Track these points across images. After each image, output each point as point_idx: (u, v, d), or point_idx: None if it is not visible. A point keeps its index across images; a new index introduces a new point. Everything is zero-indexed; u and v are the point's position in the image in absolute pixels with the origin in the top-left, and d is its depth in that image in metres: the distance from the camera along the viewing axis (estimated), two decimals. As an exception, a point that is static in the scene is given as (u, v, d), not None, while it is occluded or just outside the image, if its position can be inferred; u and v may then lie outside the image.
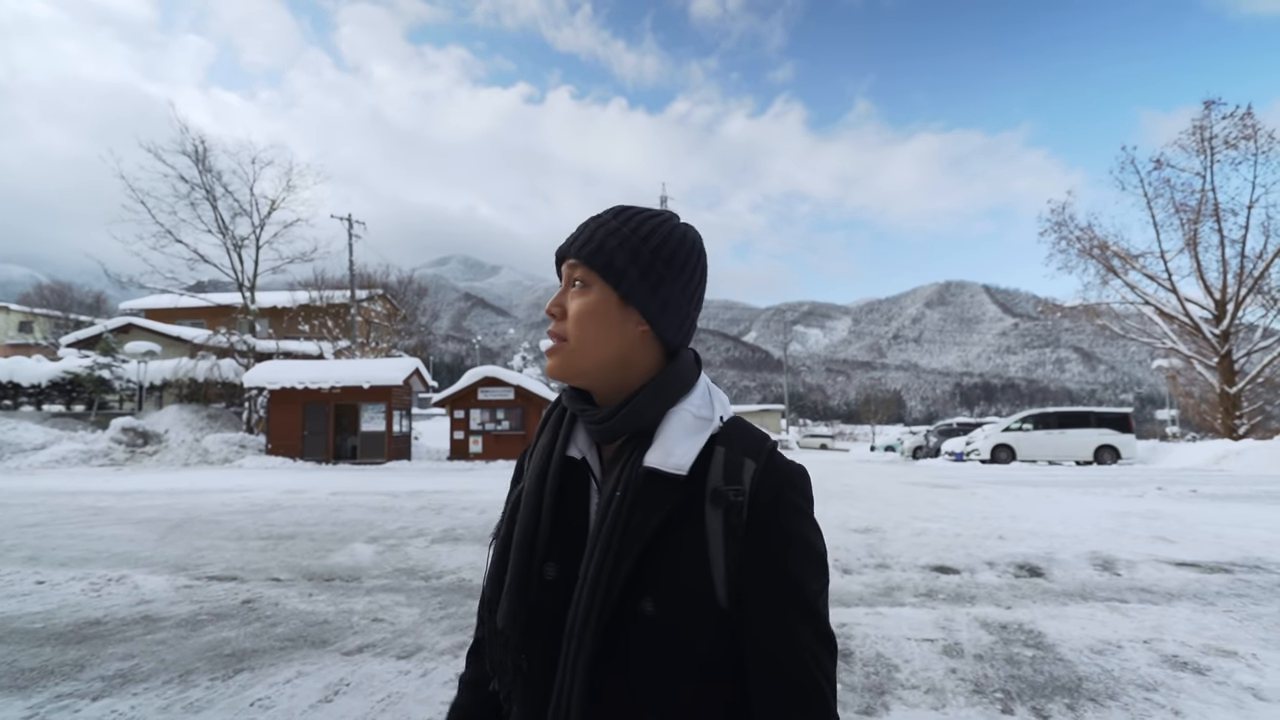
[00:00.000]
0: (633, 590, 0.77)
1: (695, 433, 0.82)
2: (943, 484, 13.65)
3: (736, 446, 0.82)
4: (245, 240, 27.16)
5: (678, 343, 0.88)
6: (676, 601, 0.77)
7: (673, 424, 0.82)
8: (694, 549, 0.78)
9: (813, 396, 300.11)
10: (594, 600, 0.76)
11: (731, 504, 0.78)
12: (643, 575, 0.77)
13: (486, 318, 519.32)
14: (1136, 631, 3.94)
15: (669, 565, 0.77)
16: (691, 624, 0.76)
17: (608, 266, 0.84)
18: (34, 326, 45.82)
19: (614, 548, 0.77)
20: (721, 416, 0.85)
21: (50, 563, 5.99)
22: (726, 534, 0.78)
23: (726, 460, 0.81)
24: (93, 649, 3.76)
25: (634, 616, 0.76)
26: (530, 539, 0.84)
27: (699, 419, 0.83)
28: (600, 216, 0.88)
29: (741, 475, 0.79)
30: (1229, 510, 8.84)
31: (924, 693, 3.09)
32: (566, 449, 0.88)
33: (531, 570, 0.83)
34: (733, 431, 0.84)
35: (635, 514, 0.78)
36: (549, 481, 0.86)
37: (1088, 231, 25.55)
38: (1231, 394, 23.03)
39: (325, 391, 21.57)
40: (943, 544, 6.69)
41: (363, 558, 6.25)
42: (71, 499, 10.83)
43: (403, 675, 3.36)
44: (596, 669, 0.76)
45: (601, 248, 0.84)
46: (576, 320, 0.84)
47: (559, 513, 0.85)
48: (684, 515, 0.79)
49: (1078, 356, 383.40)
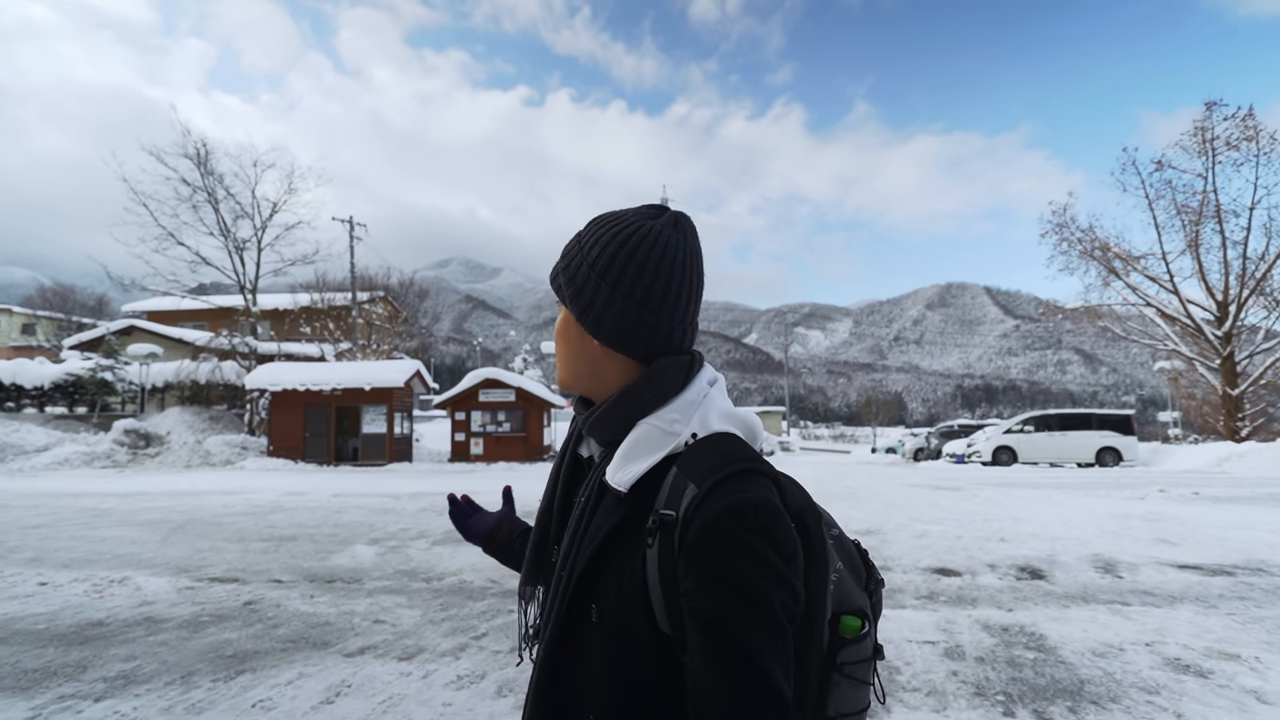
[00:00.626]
0: (584, 593, 0.79)
1: (652, 449, 0.79)
2: (944, 486, 13.63)
3: (687, 469, 0.76)
4: (247, 243, 27.21)
5: (640, 352, 0.84)
6: (616, 615, 0.76)
7: (632, 438, 0.80)
8: (634, 568, 0.76)
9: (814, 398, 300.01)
10: (556, 595, 0.82)
11: (662, 528, 0.74)
12: (593, 580, 0.79)
13: (487, 319, 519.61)
14: (1139, 634, 3.94)
15: (613, 578, 0.78)
16: (629, 639, 0.75)
17: (559, 290, 0.89)
18: (37, 329, 45.91)
19: (572, 550, 0.82)
20: (695, 434, 0.80)
21: (53, 564, 6.00)
22: (662, 558, 0.74)
23: (673, 483, 0.76)
24: (95, 650, 3.77)
25: (584, 621, 0.79)
26: (544, 526, 0.94)
27: (666, 434, 0.79)
28: (575, 238, 0.90)
29: (680, 501, 0.74)
30: (1231, 513, 8.82)
31: (925, 695, 3.09)
32: (578, 447, 0.94)
33: (544, 553, 0.93)
34: (694, 452, 0.78)
35: (591, 522, 0.81)
36: (561, 475, 0.94)
37: (1089, 233, 25.50)
38: (1234, 396, 22.97)
39: (326, 393, 21.58)
40: (944, 546, 6.68)
41: (364, 559, 6.25)
42: (74, 501, 10.85)
43: (404, 677, 3.37)
44: (553, 660, 0.81)
45: (557, 272, 0.90)
46: (556, 339, 0.92)
47: (567, 505, 0.92)
48: (629, 533, 0.78)
49: (1079, 358, 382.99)
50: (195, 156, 25.73)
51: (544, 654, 0.81)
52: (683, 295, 0.84)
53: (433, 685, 3.27)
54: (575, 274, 0.85)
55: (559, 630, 0.80)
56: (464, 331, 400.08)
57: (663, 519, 0.74)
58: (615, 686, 0.77)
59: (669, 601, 0.73)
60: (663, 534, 0.74)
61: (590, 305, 0.83)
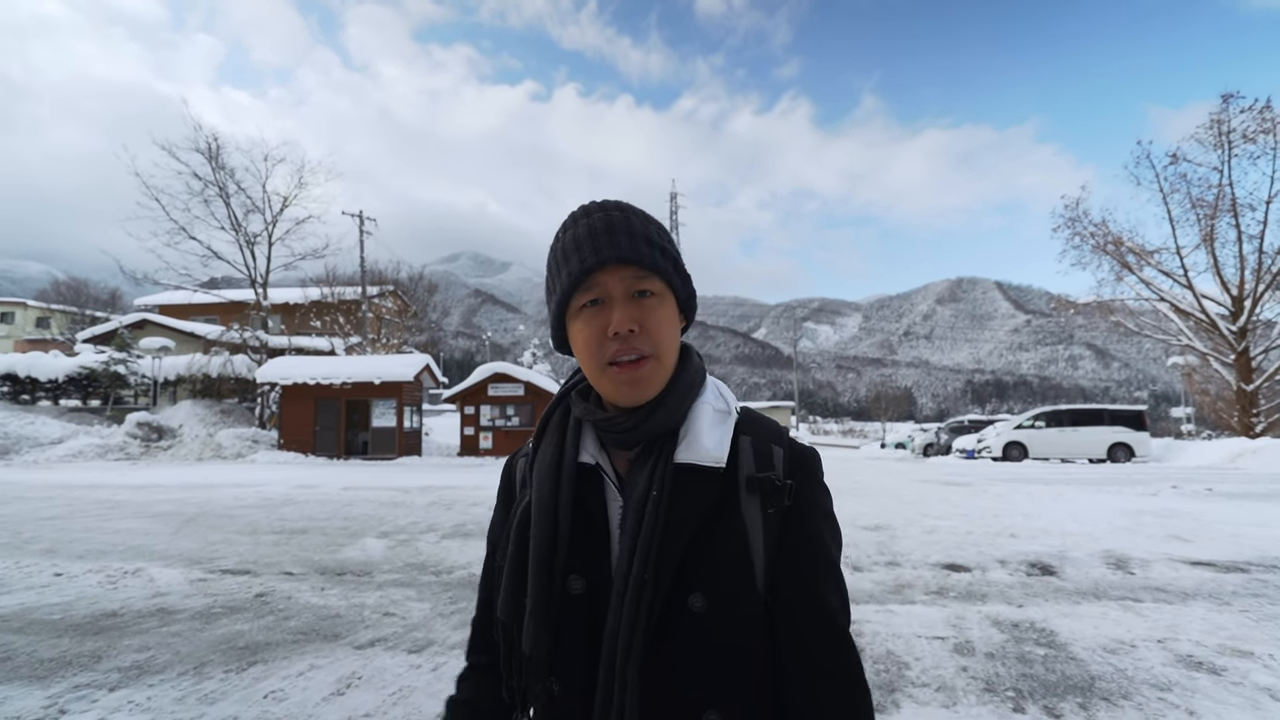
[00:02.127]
0: (679, 588, 0.76)
1: (721, 424, 0.82)
2: (954, 481, 13.57)
3: (762, 435, 0.84)
4: (258, 237, 27.35)
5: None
6: (724, 593, 0.76)
7: (699, 419, 0.82)
8: (735, 540, 0.78)
9: (823, 393, 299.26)
10: (640, 603, 0.74)
11: (774, 489, 0.79)
12: (687, 572, 0.76)
13: (496, 314, 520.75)
14: (1151, 631, 3.91)
15: (713, 559, 0.77)
16: (740, 614, 0.77)
17: (677, 272, 0.83)
18: (51, 322, 46.41)
19: (656, 547, 0.75)
20: (736, 408, 0.86)
21: (68, 555, 6.07)
22: (765, 520, 0.79)
23: (756, 449, 0.82)
24: (110, 640, 3.81)
25: (682, 615, 0.75)
26: (549, 552, 0.79)
27: (719, 412, 0.84)
28: (628, 216, 0.82)
29: (773, 461, 0.82)
30: (1245, 509, 8.74)
31: (935, 690, 3.08)
32: (579, 455, 0.84)
33: (554, 586, 0.79)
34: (753, 421, 0.86)
35: (675, 511, 0.76)
36: (564, 489, 0.81)
37: (1102, 227, 25.24)
38: (1249, 391, 22.71)
39: (337, 387, 21.71)
40: (954, 542, 6.65)
41: (374, 552, 6.29)
42: (88, 493, 10.97)
43: (414, 669, 3.39)
44: (648, 674, 0.74)
45: (665, 254, 0.82)
46: (663, 333, 0.81)
47: (576, 522, 0.81)
48: (722, 507, 0.79)
49: (1091, 353, 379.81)
50: (207, 151, 25.89)
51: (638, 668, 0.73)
52: None
53: (442, 678, 3.28)
54: (678, 260, 0.85)
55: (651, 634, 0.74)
56: (473, 326, 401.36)
57: (766, 480, 0.80)
58: (732, 668, 0.76)
59: (768, 560, 0.80)
60: (773, 492, 0.80)
61: (691, 292, 0.88)
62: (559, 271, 0.82)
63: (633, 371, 0.79)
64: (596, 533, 0.81)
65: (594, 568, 0.79)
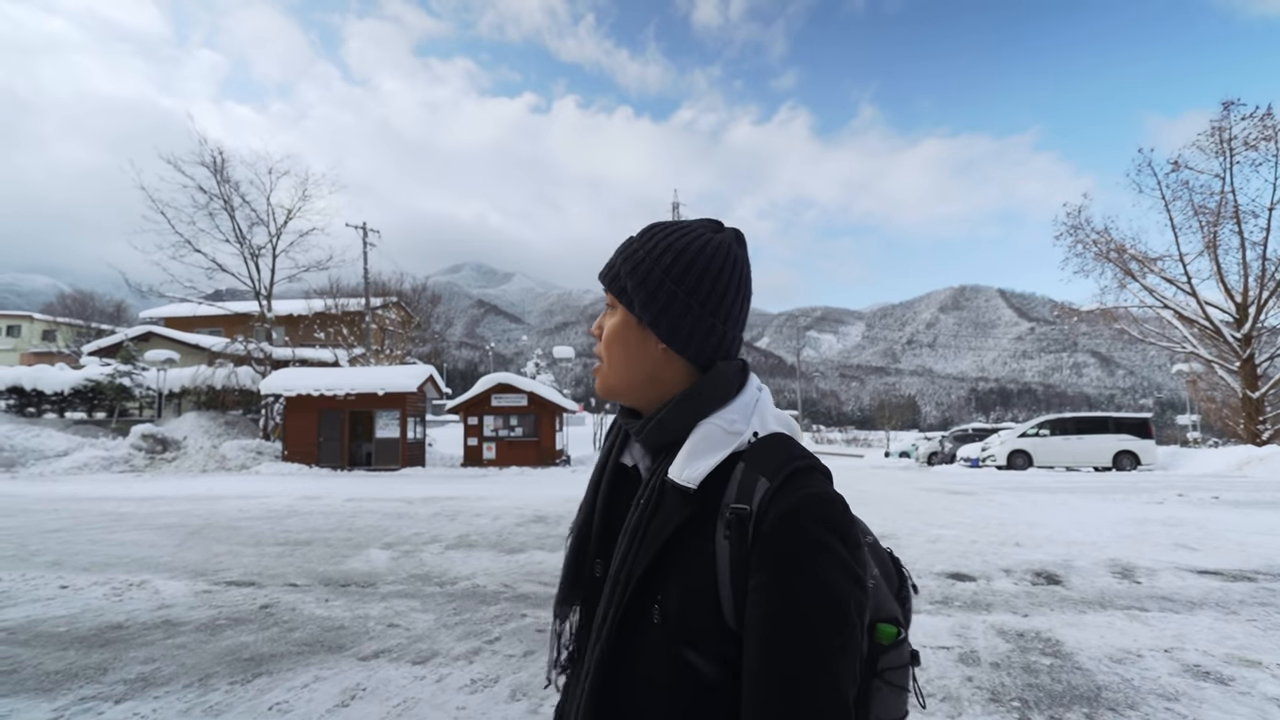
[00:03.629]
0: (644, 595, 0.79)
1: (717, 448, 0.80)
2: (958, 490, 13.52)
3: (756, 464, 0.78)
4: (262, 249, 27.51)
5: (705, 357, 0.87)
6: (681, 614, 0.76)
7: (695, 437, 0.81)
8: (702, 564, 0.77)
9: (827, 402, 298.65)
10: (611, 599, 0.81)
11: (737, 521, 0.75)
12: (654, 582, 0.79)
13: (499, 324, 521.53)
14: (1157, 640, 3.89)
15: (678, 576, 0.78)
16: (694, 639, 0.75)
17: (621, 291, 0.88)
18: (57, 335, 46.67)
19: (631, 551, 0.81)
20: (756, 432, 0.82)
21: (73, 567, 6.09)
22: (734, 553, 0.75)
23: (742, 478, 0.78)
24: (115, 652, 3.82)
25: (644, 622, 0.78)
26: (583, 538, 0.92)
27: (727, 434, 0.81)
28: (629, 241, 0.91)
29: (752, 495, 0.76)
30: (1252, 517, 8.69)
31: (940, 701, 3.07)
32: (620, 456, 0.94)
33: (583, 567, 0.91)
34: (760, 449, 0.80)
35: (652, 522, 0.80)
36: (603, 485, 0.93)
37: (1104, 234, 25.24)
38: (1254, 399, 22.61)
39: (340, 398, 21.75)
40: (958, 551, 6.63)
41: (378, 564, 6.30)
42: (93, 505, 11.00)
43: (418, 681, 3.39)
44: (608, 667, 0.79)
45: (618, 273, 0.89)
46: (606, 343, 0.90)
47: (609, 515, 0.90)
48: (697, 529, 0.78)
49: (1096, 361, 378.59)
50: (212, 164, 26.09)
51: (598, 662, 0.79)
52: (741, 305, 0.89)
53: (447, 689, 3.28)
54: (647, 278, 0.86)
55: (614, 635, 0.79)
56: (476, 336, 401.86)
57: (737, 512, 0.75)
58: (680, 690, 0.75)
59: (738, 597, 0.74)
60: (737, 527, 0.75)
61: (665, 310, 0.85)
62: None
63: (595, 372, 0.92)
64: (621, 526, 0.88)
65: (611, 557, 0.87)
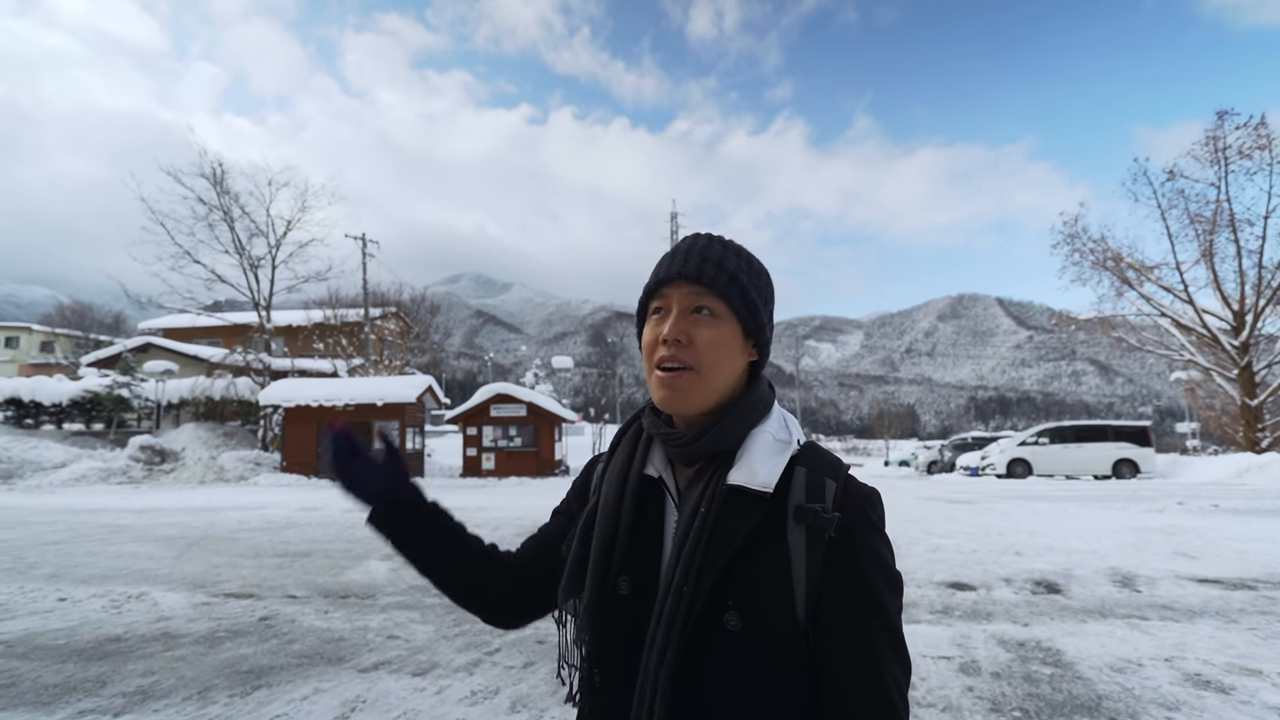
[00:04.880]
0: (716, 604, 0.79)
1: (777, 453, 0.85)
2: (958, 499, 13.51)
3: (817, 468, 0.85)
4: (261, 260, 27.57)
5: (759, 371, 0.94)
6: (760, 616, 0.78)
7: (756, 445, 0.85)
8: (777, 565, 0.80)
9: (826, 411, 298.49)
10: (678, 611, 0.78)
11: (818, 520, 0.80)
12: (727, 589, 0.79)
13: (498, 335, 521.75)
14: (1158, 649, 3.89)
15: (752, 580, 0.79)
16: (774, 639, 0.78)
17: (743, 299, 0.88)
18: (55, 346, 46.65)
19: (699, 560, 0.79)
20: (799, 440, 0.89)
21: (71, 580, 6.07)
22: (809, 550, 0.80)
23: (809, 480, 0.83)
24: (114, 665, 3.81)
25: (717, 631, 0.78)
26: (608, 552, 0.87)
27: (778, 441, 0.86)
28: (711, 243, 0.91)
29: (824, 494, 0.82)
30: (1252, 525, 8.69)
31: (940, 711, 3.07)
32: (644, 467, 0.91)
33: (607, 585, 0.86)
34: (812, 454, 0.87)
35: (720, 528, 0.80)
36: (627, 498, 0.88)
37: (1101, 243, 25.35)
38: (1253, 406, 22.63)
39: (339, 409, 21.71)
40: (959, 560, 6.62)
41: (377, 575, 6.28)
42: (91, 517, 10.96)
43: (418, 692, 3.38)
44: (678, 680, 0.77)
45: (735, 280, 0.88)
46: (711, 350, 0.86)
47: (634, 529, 0.87)
48: (767, 532, 0.81)
49: (1094, 369, 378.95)
50: (211, 176, 26.19)
51: (669, 675, 0.77)
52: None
53: (447, 701, 3.28)
54: (762, 292, 0.91)
55: (686, 644, 0.78)
56: (475, 346, 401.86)
57: (812, 510, 0.81)
58: (761, 693, 0.77)
59: (810, 591, 0.79)
60: (813, 524, 0.80)
61: (765, 325, 0.91)
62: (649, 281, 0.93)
63: (671, 378, 0.85)
64: (651, 541, 0.87)
65: (642, 572, 0.85)
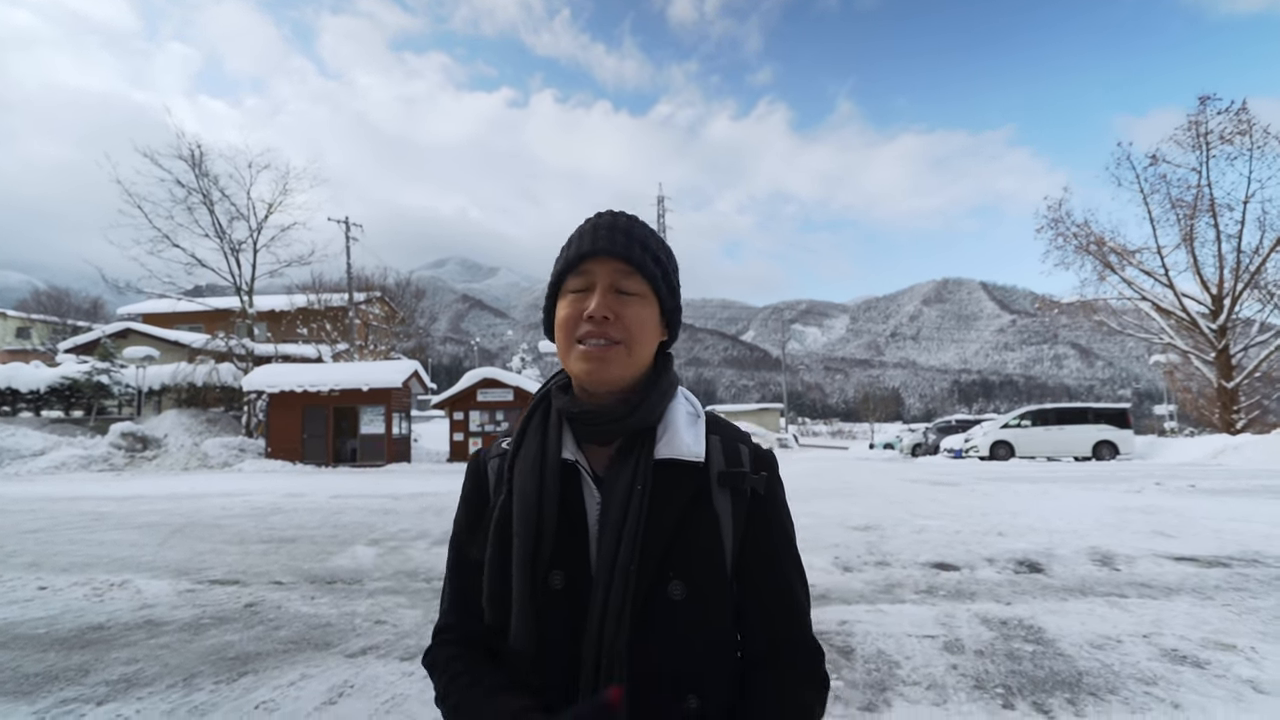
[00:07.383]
0: (659, 578, 0.80)
1: (694, 425, 0.89)
2: (942, 481, 13.67)
3: (728, 436, 0.92)
4: (242, 244, 27.16)
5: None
6: (701, 581, 0.82)
7: (677, 418, 0.88)
8: (709, 529, 0.84)
9: (811, 395, 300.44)
10: (626, 590, 0.77)
11: (746, 482, 0.87)
12: (668, 561, 0.80)
13: (484, 319, 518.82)
14: (1136, 626, 3.96)
15: (688, 548, 0.82)
16: (714, 600, 0.83)
17: (665, 279, 0.89)
18: (32, 332, 45.76)
19: (640, 538, 0.78)
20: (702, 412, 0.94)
21: (52, 568, 5.99)
22: (734, 510, 0.86)
23: (725, 448, 0.89)
24: (96, 654, 3.77)
25: (661, 600, 0.79)
26: (533, 549, 0.80)
27: (690, 414, 0.91)
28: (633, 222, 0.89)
29: (741, 459, 0.89)
30: (1227, 505, 8.86)
31: (925, 689, 3.11)
32: (561, 452, 0.86)
33: (537, 583, 0.80)
34: (719, 424, 0.93)
35: (658, 502, 0.81)
36: (547, 485, 0.82)
37: (1084, 227, 25.58)
38: (1229, 389, 23.06)
39: (324, 395, 21.55)
40: (943, 541, 6.71)
41: (364, 560, 6.26)
42: (72, 505, 10.82)
43: (406, 677, 3.37)
44: (632, 664, 0.77)
45: (658, 260, 0.88)
46: (638, 328, 0.85)
47: (565, 516, 0.82)
48: (697, 500, 0.84)
49: (1076, 353, 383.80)
50: (190, 158, 25.68)
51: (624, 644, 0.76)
52: None
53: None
54: (676, 275, 0.93)
55: (640, 619, 0.78)
56: (461, 331, 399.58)
57: (738, 474, 0.87)
58: (709, 654, 0.82)
59: (735, 547, 0.86)
60: (737, 484, 0.87)
61: (679, 307, 0.94)
62: (559, 257, 0.90)
63: (600, 350, 0.83)
64: (576, 529, 0.82)
65: (574, 563, 0.81)
